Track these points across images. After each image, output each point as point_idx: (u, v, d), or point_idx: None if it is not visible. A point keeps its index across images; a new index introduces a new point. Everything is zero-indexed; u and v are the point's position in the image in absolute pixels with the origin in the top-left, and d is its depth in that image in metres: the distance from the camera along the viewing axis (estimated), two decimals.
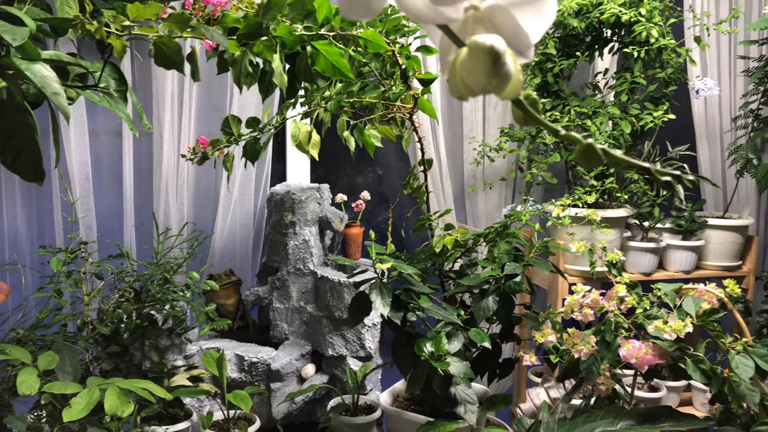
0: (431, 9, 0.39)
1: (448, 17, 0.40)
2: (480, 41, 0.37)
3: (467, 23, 0.47)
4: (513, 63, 0.38)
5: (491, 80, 0.37)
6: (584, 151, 0.42)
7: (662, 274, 2.32)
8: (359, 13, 0.39)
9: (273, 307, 2.10)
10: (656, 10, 1.96)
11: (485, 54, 0.37)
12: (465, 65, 0.37)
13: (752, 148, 2.27)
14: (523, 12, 0.46)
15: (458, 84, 0.38)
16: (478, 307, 1.76)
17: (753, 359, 1.45)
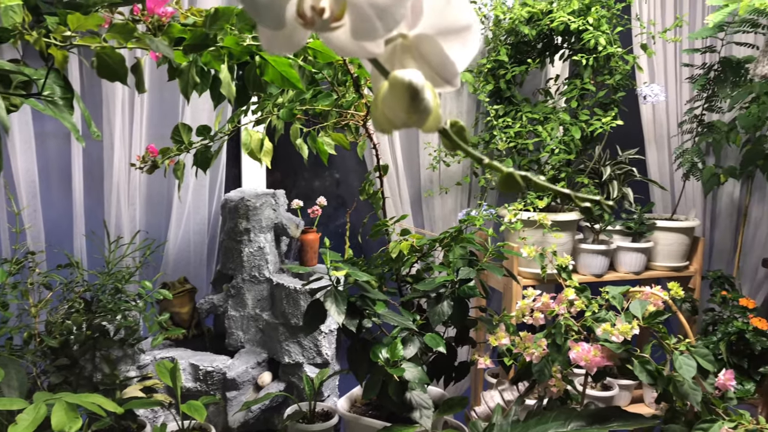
0: (354, 44, 0.39)
1: (370, 51, 0.40)
2: (399, 77, 0.38)
3: (395, 52, 0.48)
4: (432, 97, 0.39)
5: (411, 115, 0.38)
6: (505, 180, 0.43)
7: (613, 276, 2.38)
8: (281, 47, 0.40)
9: (228, 315, 2.08)
10: (604, 18, 2.01)
11: (404, 90, 0.37)
12: (386, 100, 0.38)
13: (697, 152, 2.35)
14: (449, 42, 0.47)
15: (380, 118, 0.38)
16: (434, 312, 1.78)
17: (695, 359, 1.50)
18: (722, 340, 2.23)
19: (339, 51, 0.40)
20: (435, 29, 0.47)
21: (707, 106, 2.35)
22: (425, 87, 0.38)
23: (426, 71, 0.48)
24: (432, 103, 0.38)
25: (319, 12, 0.38)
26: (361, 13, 0.39)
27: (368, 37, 0.39)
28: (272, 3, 0.38)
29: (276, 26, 0.38)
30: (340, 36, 0.39)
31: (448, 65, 0.47)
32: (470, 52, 0.48)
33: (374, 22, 0.39)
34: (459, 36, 0.47)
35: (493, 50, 2.21)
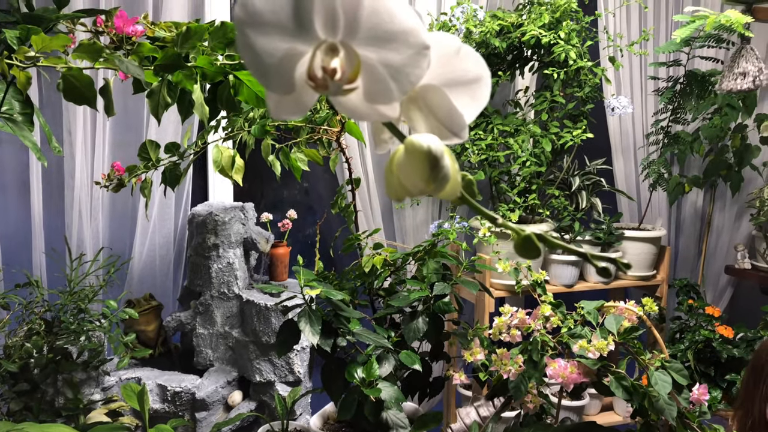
0: (367, 106, 0.37)
1: (385, 115, 0.38)
2: (417, 143, 0.35)
3: (402, 102, 0.46)
4: (451, 163, 0.36)
5: (430, 184, 0.35)
6: (523, 244, 0.41)
7: (583, 285, 2.40)
8: (289, 111, 0.37)
9: (196, 333, 2.02)
10: (574, 32, 2.03)
11: (423, 158, 0.35)
12: (403, 168, 0.36)
13: (663, 163, 2.38)
14: (457, 93, 0.45)
15: (396, 186, 0.36)
16: (409, 329, 1.76)
17: (670, 374, 1.51)
18: (690, 348, 2.27)
19: (351, 114, 0.38)
20: (443, 80, 0.44)
21: (673, 118, 2.38)
22: (444, 153, 0.36)
23: (432, 123, 0.45)
24: (451, 170, 0.36)
25: (331, 74, 0.35)
26: (374, 74, 0.36)
27: (382, 100, 0.37)
28: (281, 65, 0.35)
29: (285, 90, 0.35)
30: (353, 99, 0.37)
31: (455, 118, 0.45)
32: (479, 105, 0.46)
33: (388, 84, 0.36)
34: (468, 88, 0.45)
35: None
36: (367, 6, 0.36)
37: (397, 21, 0.37)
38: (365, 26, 0.36)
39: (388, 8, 0.36)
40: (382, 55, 0.36)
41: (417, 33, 0.37)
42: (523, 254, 0.41)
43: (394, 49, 0.36)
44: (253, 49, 0.34)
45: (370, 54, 0.36)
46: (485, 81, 0.45)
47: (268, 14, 0.34)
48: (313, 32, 0.35)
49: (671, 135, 2.41)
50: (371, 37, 0.36)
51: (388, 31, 0.36)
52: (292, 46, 0.35)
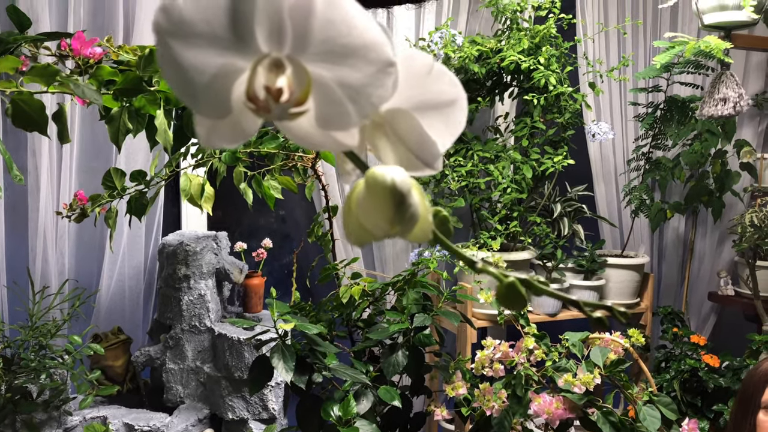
0: (320, 133, 0.31)
1: (342, 143, 0.32)
2: (379, 177, 0.30)
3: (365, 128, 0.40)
4: (420, 200, 0.31)
5: (395, 226, 0.29)
6: (506, 292, 0.35)
7: (567, 314, 2.35)
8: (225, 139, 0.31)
9: (166, 368, 1.93)
10: (554, 57, 2.00)
11: (386, 195, 0.29)
12: (363, 207, 0.30)
13: (645, 189, 2.36)
14: (429, 118, 0.39)
15: (354, 228, 0.30)
16: (388, 363, 1.69)
17: (659, 409, 1.46)
18: (676, 378, 2.22)
19: (302, 142, 0.32)
20: (413, 103, 0.39)
21: (654, 144, 2.37)
22: (412, 189, 0.30)
23: (401, 152, 0.40)
24: (420, 208, 0.30)
25: (275, 94, 0.30)
26: (328, 95, 0.31)
27: (338, 126, 0.31)
28: (214, 84, 0.29)
29: (219, 114, 0.29)
30: (303, 124, 0.31)
31: (427, 146, 0.39)
32: (454, 131, 0.40)
33: (345, 107, 0.31)
34: (442, 112, 0.40)
35: None
36: (321, 15, 0.30)
37: (357, 33, 0.31)
38: (318, 39, 0.31)
39: (346, 18, 0.31)
40: (338, 73, 0.31)
41: (380, 47, 0.31)
42: (507, 305, 0.36)
43: (353, 66, 0.31)
44: (178, 64, 0.28)
45: (323, 71, 0.31)
46: (461, 104, 0.40)
47: (199, 23, 0.29)
48: (254, 45, 0.30)
49: (652, 161, 2.39)
50: (325, 52, 0.31)
51: (345, 45, 0.31)
52: (228, 62, 0.29)
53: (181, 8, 0.28)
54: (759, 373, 1.50)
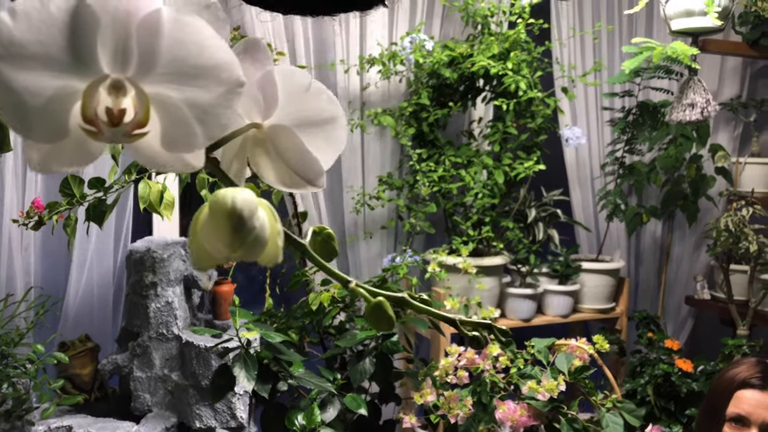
0: (167, 154, 0.30)
1: (189, 164, 0.31)
2: (221, 199, 0.28)
3: (246, 145, 0.39)
4: (269, 223, 0.30)
5: (236, 249, 0.28)
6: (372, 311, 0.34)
7: (541, 320, 2.34)
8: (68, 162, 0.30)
9: (134, 377, 1.91)
10: (524, 62, 2.00)
11: (225, 217, 0.28)
12: (205, 229, 0.29)
13: (619, 194, 2.36)
14: (310, 135, 0.38)
15: (198, 250, 0.29)
16: (355, 370, 1.68)
17: (622, 416, 1.45)
18: (649, 382, 2.22)
19: (149, 164, 0.31)
20: (293, 120, 0.38)
21: (627, 149, 2.37)
22: (256, 212, 0.29)
23: (282, 170, 0.39)
24: (266, 232, 0.29)
25: (118, 116, 0.28)
26: (176, 115, 0.30)
27: (185, 147, 0.30)
28: (49, 107, 0.28)
29: (52, 138, 0.28)
30: (149, 145, 0.30)
31: (309, 163, 0.38)
32: (336, 147, 0.39)
33: (193, 128, 0.30)
34: (322, 129, 0.39)
35: (414, 93, 2.16)
36: (168, 35, 0.29)
37: (208, 54, 0.30)
38: (165, 59, 0.29)
39: (197, 39, 0.30)
40: (187, 94, 0.30)
41: (230, 67, 0.30)
42: (374, 324, 0.35)
43: (202, 86, 0.30)
44: (9, 88, 0.27)
45: (171, 92, 0.30)
46: (340, 122, 0.39)
47: (33, 45, 0.27)
48: (95, 67, 0.29)
49: (626, 166, 2.40)
50: (173, 72, 0.30)
51: (195, 65, 0.30)
52: (66, 84, 0.28)
53: (10, 29, 0.27)
54: (723, 383, 1.46)
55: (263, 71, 0.37)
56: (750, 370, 1.43)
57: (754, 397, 1.38)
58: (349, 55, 2.26)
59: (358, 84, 2.29)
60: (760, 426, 1.36)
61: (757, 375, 1.42)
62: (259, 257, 0.29)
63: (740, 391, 1.40)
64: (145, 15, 0.29)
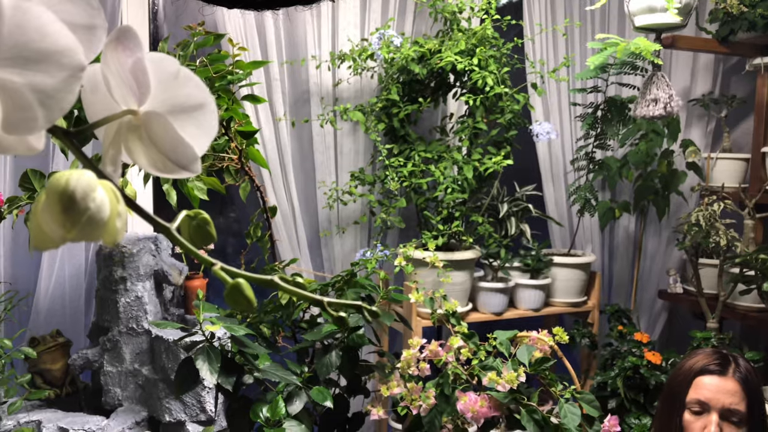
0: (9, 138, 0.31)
1: (32, 146, 0.32)
2: (56, 179, 0.30)
3: (122, 130, 0.40)
4: (109, 205, 0.31)
5: (69, 230, 0.30)
6: (230, 292, 0.36)
7: (513, 313, 2.36)
8: None
9: (104, 371, 1.92)
10: (492, 58, 2.02)
11: (56, 197, 0.29)
12: (43, 209, 0.30)
13: (590, 189, 2.38)
14: (182, 121, 0.40)
15: (36, 231, 0.30)
16: (321, 364, 1.70)
17: (581, 406, 1.47)
18: (619, 375, 2.24)
19: None
20: (166, 107, 0.39)
21: (597, 144, 2.39)
22: (91, 193, 0.30)
23: (154, 155, 0.40)
24: (103, 213, 0.31)
25: None
26: (18, 100, 0.31)
27: (26, 130, 0.31)
28: None
29: None
30: None
31: (181, 148, 0.39)
32: (208, 133, 0.41)
33: (35, 111, 0.31)
34: (192, 116, 0.40)
35: (384, 89, 2.17)
36: (9, 21, 0.31)
37: (50, 40, 0.31)
38: (7, 45, 0.31)
39: (38, 25, 0.31)
40: (30, 79, 0.31)
41: (72, 53, 0.31)
42: (233, 305, 0.36)
43: (45, 71, 0.31)
44: None
45: (14, 77, 0.31)
46: (210, 108, 0.40)
47: None
48: None
49: (596, 161, 2.42)
50: (16, 57, 0.31)
51: (37, 50, 0.31)
52: None
53: None
54: (683, 371, 1.48)
55: (134, 58, 0.39)
56: (707, 358, 1.46)
57: (713, 383, 1.40)
58: (321, 51, 2.27)
59: (330, 80, 2.30)
60: (720, 411, 1.38)
61: (715, 362, 1.44)
62: (96, 238, 0.31)
63: (699, 378, 1.43)
64: None
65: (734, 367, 1.43)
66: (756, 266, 2.06)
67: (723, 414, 1.38)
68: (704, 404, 1.40)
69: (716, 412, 1.38)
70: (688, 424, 1.43)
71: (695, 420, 1.41)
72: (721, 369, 1.43)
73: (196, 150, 0.40)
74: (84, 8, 0.35)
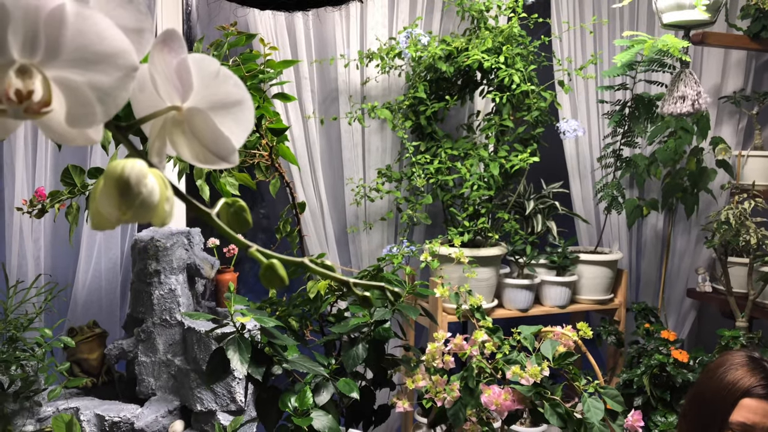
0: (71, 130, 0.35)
1: (91, 139, 0.36)
2: (112, 167, 0.34)
3: (167, 125, 0.44)
4: (159, 189, 0.35)
5: (125, 212, 0.33)
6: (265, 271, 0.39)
7: (539, 310, 2.37)
8: None
9: (139, 361, 1.98)
10: (518, 56, 2.03)
11: (114, 183, 0.33)
12: (101, 193, 0.34)
13: (617, 186, 2.37)
14: (222, 117, 0.43)
15: (94, 213, 0.34)
16: (348, 356, 1.73)
17: (604, 401, 1.49)
18: (645, 373, 2.24)
19: (58, 138, 0.36)
20: (206, 103, 0.43)
21: (624, 141, 2.38)
22: (144, 179, 0.34)
23: (197, 148, 0.44)
24: (154, 197, 0.34)
25: (26, 96, 0.34)
26: (80, 96, 0.35)
27: (86, 124, 0.35)
28: None
29: None
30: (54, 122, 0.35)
31: (221, 141, 0.43)
32: (245, 128, 0.44)
33: (94, 107, 0.35)
34: (230, 111, 0.44)
35: (411, 87, 2.20)
36: (72, 26, 0.34)
37: (107, 43, 0.35)
38: (70, 47, 0.35)
39: (97, 30, 0.35)
40: (89, 78, 0.35)
41: (127, 54, 0.35)
42: (267, 284, 0.40)
43: (103, 71, 0.35)
44: None
45: (76, 76, 0.35)
46: (247, 104, 0.44)
47: None
48: (6, 55, 0.34)
49: (623, 158, 2.41)
50: (78, 59, 0.35)
51: (96, 52, 0.35)
52: None
53: None
54: (725, 387, 1.40)
55: (178, 59, 0.42)
56: (753, 377, 1.39)
57: (761, 407, 1.36)
58: (350, 50, 2.31)
59: (358, 78, 2.34)
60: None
61: (761, 383, 1.38)
62: (148, 219, 0.34)
63: (745, 400, 1.36)
64: (51, 9, 0.34)
65: None
66: None
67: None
68: (749, 428, 1.36)
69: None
70: None
71: None
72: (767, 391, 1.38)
73: (234, 143, 0.44)
74: (134, 13, 0.39)
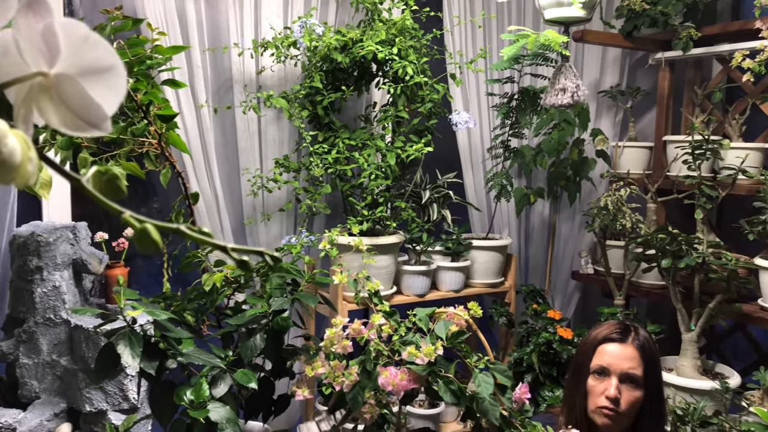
0: None
1: None
2: None
3: (32, 92, 0.43)
4: (20, 150, 0.34)
5: None
6: (139, 236, 0.39)
7: (435, 294, 2.45)
8: None
9: (20, 364, 1.87)
10: (411, 48, 2.08)
11: None
12: None
13: (505, 176, 2.49)
14: (92, 83, 0.43)
15: None
16: (245, 347, 1.72)
17: (494, 376, 1.56)
18: (534, 351, 2.37)
19: None
20: (76, 69, 0.42)
21: (512, 132, 2.50)
22: (3, 138, 0.33)
23: (66, 115, 0.43)
24: (15, 157, 0.34)
25: None
26: None
27: None
28: None
29: None
30: None
31: (92, 108, 0.43)
32: (117, 94, 0.44)
33: None
34: (102, 77, 0.43)
35: (307, 76, 2.20)
36: None
37: None
38: None
39: None
40: None
41: None
42: (141, 247, 0.40)
43: None
44: None
45: None
46: (118, 70, 0.43)
47: None
48: None
49: (512, 149, 2.53)
50: None
51: None
52: None
53: None
54: (588, 341, 1.61)
55: (44, 23, 0.41)
56: (610, 327, 1.59)
57: (614, 350, 1.53)
58: (244, 39, 2.28)
59: (253, 68, 2.31)
60: (619, 375, 1.50)
61: (616, 330, 1.57)
62: (10, 180, 0.34)
63: (602, 345, 1.55)
64: None
65: (633, 335, 1.56)
66: (656, 245, 2.23)
67: (622, 378, 1.51)
68: (605, 369, 1.52)
69: (616, 376, 1.51)
70: (591, 388, 1.55)
71: (597, 384, 1.53)
72: (622, 337, 1.56)
73: (106, 110, 0.44)
74: None
